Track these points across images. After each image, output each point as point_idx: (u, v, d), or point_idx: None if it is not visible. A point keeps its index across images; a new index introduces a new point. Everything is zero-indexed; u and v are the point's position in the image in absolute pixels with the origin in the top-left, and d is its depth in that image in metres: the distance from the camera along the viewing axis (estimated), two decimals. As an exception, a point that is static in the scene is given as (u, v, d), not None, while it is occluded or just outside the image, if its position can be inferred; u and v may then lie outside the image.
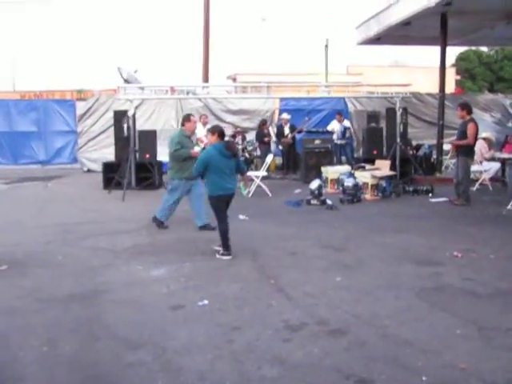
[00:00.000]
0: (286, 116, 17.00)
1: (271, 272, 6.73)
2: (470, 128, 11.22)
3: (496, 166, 13.99)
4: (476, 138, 11.68)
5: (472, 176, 13.80)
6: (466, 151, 11.46)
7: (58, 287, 6.26)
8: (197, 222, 9.28)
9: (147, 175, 13.90)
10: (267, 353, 4.48)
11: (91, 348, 4.64)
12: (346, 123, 17.36)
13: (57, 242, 8.47)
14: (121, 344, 4.71)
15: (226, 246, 7.53)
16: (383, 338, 4.74)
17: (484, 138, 14.50)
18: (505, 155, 14.42)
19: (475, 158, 13.96)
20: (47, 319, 5.28)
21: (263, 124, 17.08)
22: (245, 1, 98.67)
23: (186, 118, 9.52)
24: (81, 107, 18.98)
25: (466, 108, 11.59)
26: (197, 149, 9.18)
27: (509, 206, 10.72)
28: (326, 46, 25.31)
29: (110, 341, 4.77)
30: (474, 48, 46.30)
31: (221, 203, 7.71)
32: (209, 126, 16.15)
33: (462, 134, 11.34)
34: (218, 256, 7.47)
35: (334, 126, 17.08)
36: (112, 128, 15.28)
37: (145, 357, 4.45)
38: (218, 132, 7.76)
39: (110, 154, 15.99)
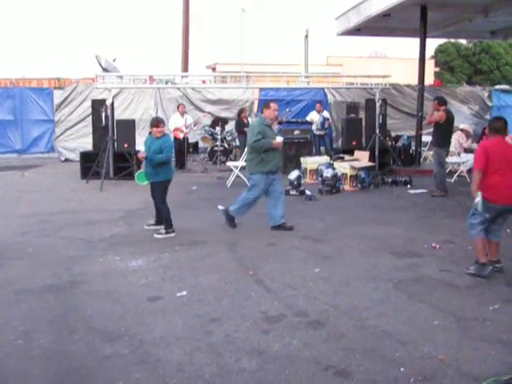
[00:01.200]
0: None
1: (250, 263, 6.71)
2: (439, 114, 11.51)
3: (473, 157, 14.06)
4: (451, 130, 11.95)
5: (450, 167, 13.99)
6: (440, 142, 11.64)
7: (33, 278, 6.17)
8: (271, 220, 8.55)
9: (125, 165, 13.79)
10: (246, 344, 4.46)
11: (67, 340, 4.58)
12: (326, 114, 17.36)
13: (33, 233, 8.36)
14: (98, 336, 4.65)
15: (171, 223, 8.16)
16: (362, 330, 4.74)
17: (462, 130, 14.63)
18: (482, 147, 14.48)
19: (453, 149, 14.14)
20: (23, 311, 5.20)
21: (242, 113, 17.00)
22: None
23: (266, 105, 8.65)
24: (58, 96, 18.73)
25: (443, 102, 11.91)
26: (279, 139, 8.43)
27: (486, 198, 10.77)
28: (306, 36, 25.17)
29: (87, 333, 4.71)
30: (452, 40, 46.54)
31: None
32: (188, 116, 16.15)
33: (438, 125, 11.53)
34: (162, 236, 8.01)
35: (313, 116, 17.08)
36: (90, 117, 15.11)
37: (122, 349, 4.40)
38: (160, 122, 8.55)
39: (87, 144, 15.84)
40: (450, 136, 12.10)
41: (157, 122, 8.47)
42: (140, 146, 15.61)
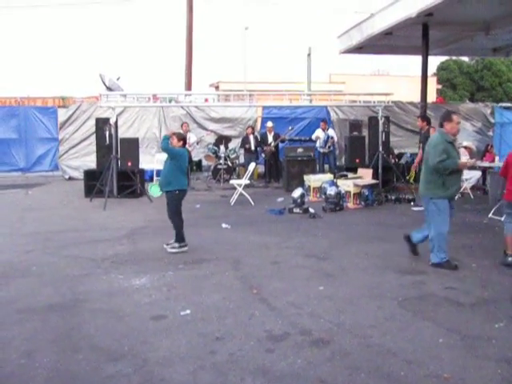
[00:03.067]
0: (270, 124, 17.00)
1: (254, 281, 6.69)
2: (433, 131, 11.71)
3: (477, 174, 14.13)
4: None
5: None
6: None
7: (37, 297, 6.16)
8: (416, 235, 7.78)
9: (129, 183, 13.81)
10: (250, 364, 4.43)
11: (71, 360, 4.55)
12: (330, 132, 17.38)
13: (37, 251, 8.36)
14: (101, 355, 4.63)
15: (183, 237, 8.26)
16: (366, 348, 4.71)
17: (465, 147, 14.67)
18: (485, 164, 14.54)
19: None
20: (26, 330, 5.18)
21: (248, 131, 17.12)
22: (228, 9, 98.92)
23: (447, 117, 7.32)
24: (62, 114, 18.83)
25: (427, 119, 12.61)
26: (464, 159, 7.35)
27: (490, 215, 10.81)
28: (309, 54, 25.31)
29: (90, 352, 4.69)
30: (454, 58, 46.73)
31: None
32: (191, 134, 16.23)
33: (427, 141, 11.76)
34: (176, 250, 8.10)
35: (319, 134, 17.10)
36: (94, 135, 15.19)
37: (125, 368, 4.38)
38: (183, 139, 8.60)
39: (91, 162, 15.89)
40: None
41: (177, 136, 8.64)
42: (143, 164, 15.73)
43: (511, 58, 43.19)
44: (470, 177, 14.07)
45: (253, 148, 16.86)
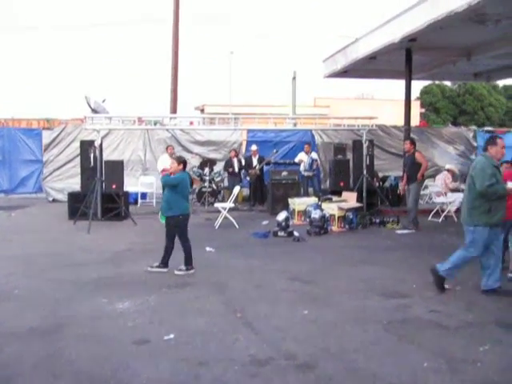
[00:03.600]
0: (254, 147, 17.05)
1: (238, 305, 6.66)
2: (420, 155, 12.81)
3: (460, 197, 14.22)
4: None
5: (437, 207, 14.16)
6: (415, 178, 12.54)
7: (18, 321, 6.07)
8: (487, 282, 7.14)
9: (113, 206, 13.74)
10: (234, 389, 4.39)
11: (52, 385, 4.49)
12: (314, 155, 17.46)
13: (19, 274, 8.26)
14: (83, 380, 4.57)
15: (191, 260, 8.37)
16: (351, 373, 4.69)
17: (448, 170, 14.86)
18: (468, 187, 14.64)
19: (439, 189, 14.37)
20: (7, 355, 5.10)
21: (232, 154, 17.18)
22: (213, 33, 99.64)
23: (492, 141, 7.04)
24: (47, 136, 18.74)
25: (414, 143, 13.09)
26: (510, 185, 7.06)
27: (473, 238, 10.84)
28: (294, 78, 25.51)
29: (72, 377, 4.63)
30: (437, 82, 47.31)
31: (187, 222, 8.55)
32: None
33: (413, 164, 12.60)
34: (183, 273, 8.20)
35: (302, 157, 17.17)
36: (78, 158, 15.13)
37: (108, 394, 4.32)
38: (183, 162, 8.55)
39: (75, 184, 15.81)
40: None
41: (176, 159, 8.68)
42: (128, 186, 15.68)
43: (492, 83, 43.89)
44: (454, 199, 14.18)
45: (236, 171, 16.88)
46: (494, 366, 4.79)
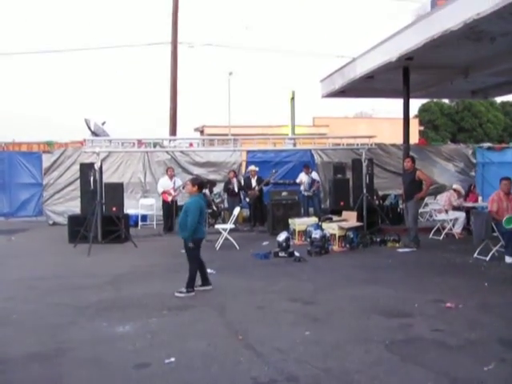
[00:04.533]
0: (253, 168, 17.06)
1: (239, 327, 6.61)
2: (422, 173, 12.85)
3: (462, 215, 14.22)
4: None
5: (438, 225, 14.14)
6: (413, 196, 12.55)
7: (17, 346, 6.03)
8: None
9: (114, 228, 13.70)
10: (236, 412, 4.35)
11: (52, 412, 4.44)
12: (314, 175, 17.48)
13: (18, 298, 8.22)
14: (83, 406, 4.52)
15: (194, 283, 8.41)
16: (354, 394, 4.65)
17: (454, 189, 14.88)
18: (469, 204, 14.67)
19: (440, 206, 14.36)
20: (6, 381, 5.06)
21: (231, 175, 17.18)
22: (212, 54, 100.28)
23: None
24: (47, 159, 18.77)
25: (414, 160, 13.08)
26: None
27: (475, 255, 10.84)
28: (292, 98, 25.61)
29: (72, 403, 4.58)
30: (435, 100, 47.53)
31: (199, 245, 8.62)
32: (176, 179, 16.24)
33: (413, 182, 12.62)
34: (183, 295, 8.16)
35: (302, 177, 17.19)
36: (78, 181, 15.13)
37: (108, 420, 4.28)
38: (198, 184, 8.59)
39: (76, 207, 15.81)
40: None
41: (190, 181, 8.83)
42: (128, 209, 15.67)
43: (489, 100, 44.08)
44: (456, 217, 14.17)
45: (236, 191, 16.87)
46: (498, 386, 4.74)
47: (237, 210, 13.97)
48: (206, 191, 16.76)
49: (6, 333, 6.56)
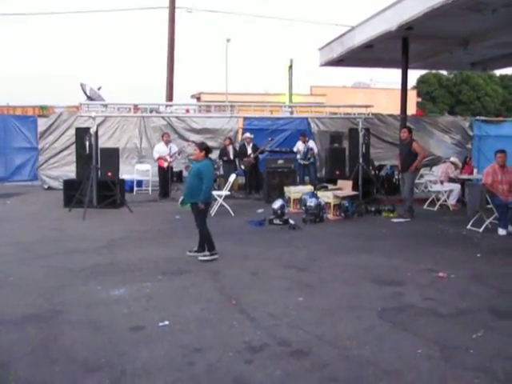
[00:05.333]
0: (248, 135, 17.02)
1: (233, 292, 6.67)
2: (418, 145, 12.78)
3: (457, 187, 14.27)
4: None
5: (433, 196, 14.20)
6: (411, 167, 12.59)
7: (13, 308, 6.07)
8: None
9: (109, 193, 13.71)
10: (228, 375, 4.41)
11: (47, 372, 4.49)
12: (311, 144, 17.45)
13: (14, 262, 8.26)
14: (78, 367, 4.57)
15: (213, 245, 8.38)
16: (345, 359, 4.71)
17: (452, 162, 14.90)
18: (464, 176, 14.71)
19: (436, 178, 14.41)
20: (2, 342, 5.10)
21: (225, 140, 17.15)
22: (210, 21, 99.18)
23: None
24: (42, 124, 18.67)
25: (411, 131, 13.05)
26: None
27: (468, 226, 10.91)
28: (290, 66, 25.42)
29: (67, 364, 4.63)
30: (434, 71, 47.30)
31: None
32: (172, 145, 16.20)
33: (409, 153, 12.59)
34: (207, 258, 8.22)
35: (299, 146, 17.16)
36: (74, 145, 15.09)
37: (103, 380, 4.33)
38: (205, 148, 8.61)
39: (71, 172, 15.83)
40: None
41: (198, 146, 8.74)
42: (124, 174, 15.66)
43: (488, 73, 43.87)
44: (451, 189, 14.22)
45: (231, 158, 16.84)
46: (486, 353, 4.81)
47: (232, 177, 13.98)
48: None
49: (2, 295, 6.60)
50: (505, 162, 10.87)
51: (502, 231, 10.44)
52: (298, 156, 16.97)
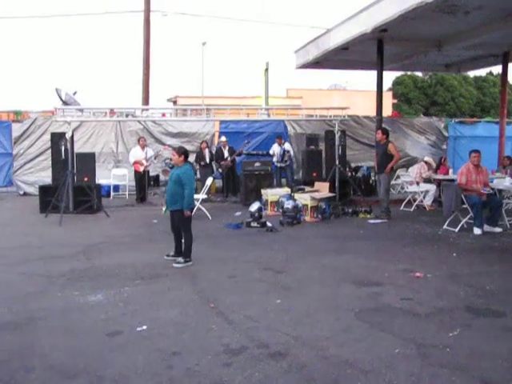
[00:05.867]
0: (223, 139, 17.05)
1: (211, 296, 6.66)
2: (393, 146, 12.77)
3: (433, 188, 14.41)
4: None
5: (409, 197, 14.32)
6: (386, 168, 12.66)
7: (-11, 315, 6.00)
8: None
9: (86, 199, 13.60)
10: (207, 378, 4.40)
11: (23, 380, 4.44)
12: (287, 146, 17.51)
13: (-11, 268, 8.16)
14: (55, 374, 4.53)
15: (190, 253, 8.32)
16: (323, 360, 4.73)
17: (425, 162, 15.03)
18: (439, 176, 14.86)
19: (412, 178, 14.52)
20: (-23, 349, 5.05)
21: (201, 144, 17.13)
22: (185, 24, 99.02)
23: None
24: (17, 129, 18.46)
25: (386, 132, 13.01)
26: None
27: (445, 226, 11.02)
28: (266, 69, 25.48)
29: (44, 371, 4.59)
30: (409, 73, 47.69)
31: None
32: (148, 149, 16.14)
33: (385, 154, 12.64)
34: (181, 265, 8.10)
35: (275, 148, 17.22)
36: (49, 150, 14.95)
37: (80, 386, 4.30)
38: (183, 153, 8.44)
39: (47, 177, 15.69)
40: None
41: (176, 151, 8.56)
42: (100, 179, 15.57)
43: (463, 74, 44.38)
44: (427, 189, 14.35)
45: (208, 162, 16.83)
46: (463, 351, 4.87)
47: (209, 181, 13.98)
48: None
49: (-23, 302, 6.52)
50: (479, 161, 11.00)
51: (477, 230, 10.56)
52: (275, 159, 17.01)
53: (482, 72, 50.78)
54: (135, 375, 4.47)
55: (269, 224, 11.49)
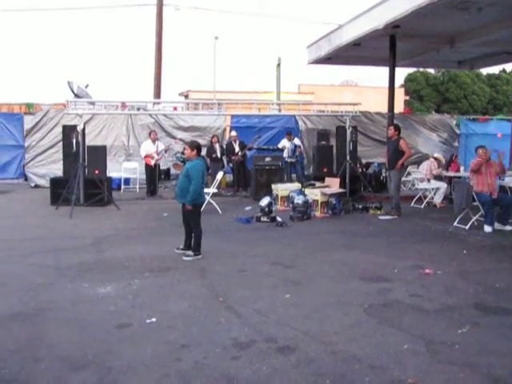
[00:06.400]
0: (234, 133, 17.05)
1: (220, 289, 6.67)
2: (404, 143, 12.60)
3: (444, 185, 14.34)
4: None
5: (420, 194, 14.27)
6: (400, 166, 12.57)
7: (-1, 306, 6.05)
8: None
9: (96, 191, 13.65)
10: (215, 371, 4.41)
11: (33, 370, 4.47)
12: (297, 141, 17.50)
13: (0, 259, 8.21)
14: (64, 365, 4.55)
15: (200, 247, 8.34)
16: (332, 355, 4.73)
17: (435, 158, 14.95)
18: (451, 174, 14.79)
19: (422, 175, 14.47)
20: (-14, 340, 5.08)
21: (212, 138, 17.14)
22: (198, 19, 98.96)
23: None
24: (29, 121, 18.56)
25: (398, 129, 12.87)
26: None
27: (455, 223, 10.98)
28: (278, 64, 25.44)
29: (53, 362, 4.62)
30: (421, 70, 47.44)
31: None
32: (159, 143, 16.16)
33: (396, 150, 12.48)
34: (191, 258, 8.14)
35: (285, 143, 17.20)
36: (61, 143, 15.01)
37: (89, 377, 4.32)
38: (196, 147, 8.41)
39: (58, 170, 15.75)
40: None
41: (189, 145, 8.55)
42: (111, 172, 15.61)
43: (475, 71, 44.11)
44: (438, 187, 14.29)
45: (219, 156, 16.83)
46: (471, 348, 4.85)
47: (220, 175, 13.99)
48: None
49: (-13, 292, 6.56)
50: (487, 156, 10.89)
51: (487, 228, 10.51)
52: (285, 154, 16.99)
53: (495, 69, 50.42)
54: (143, 367, 4.48)
55: (279, 219, 11.49)
